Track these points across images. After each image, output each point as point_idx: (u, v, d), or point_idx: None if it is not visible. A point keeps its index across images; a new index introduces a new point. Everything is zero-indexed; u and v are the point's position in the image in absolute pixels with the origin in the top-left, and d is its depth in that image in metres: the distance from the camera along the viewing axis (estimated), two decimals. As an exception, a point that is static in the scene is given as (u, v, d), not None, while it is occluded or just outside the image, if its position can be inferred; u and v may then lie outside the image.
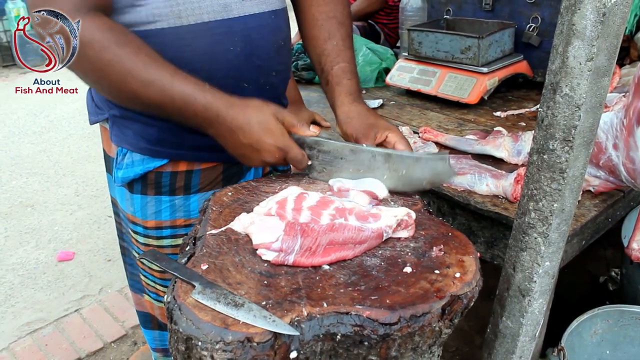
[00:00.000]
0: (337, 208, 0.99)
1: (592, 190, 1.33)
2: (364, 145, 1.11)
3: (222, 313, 0.76)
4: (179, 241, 1.31)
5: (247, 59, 1.15)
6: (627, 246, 1.36)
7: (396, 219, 0.95)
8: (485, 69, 1.92)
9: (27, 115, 5.59)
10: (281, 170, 1.45)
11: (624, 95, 1.26)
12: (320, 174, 1.16)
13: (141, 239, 1.33)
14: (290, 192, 1.04)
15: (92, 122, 1.33)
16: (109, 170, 1.37)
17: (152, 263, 0.91)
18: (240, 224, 0.98)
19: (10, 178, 4.18)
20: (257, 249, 0.92)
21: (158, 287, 1.41)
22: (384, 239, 0.95)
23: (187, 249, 0.96)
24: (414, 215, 0.98)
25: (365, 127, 1.17)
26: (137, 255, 1.40)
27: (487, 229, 1.35)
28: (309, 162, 1.14)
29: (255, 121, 1.05)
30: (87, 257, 3.14)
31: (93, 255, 3.16)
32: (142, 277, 1.45)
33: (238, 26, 1.12)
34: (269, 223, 0.94)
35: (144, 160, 1.23)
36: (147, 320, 1.58)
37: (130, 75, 1.02)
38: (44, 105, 5.78)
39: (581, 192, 1.32)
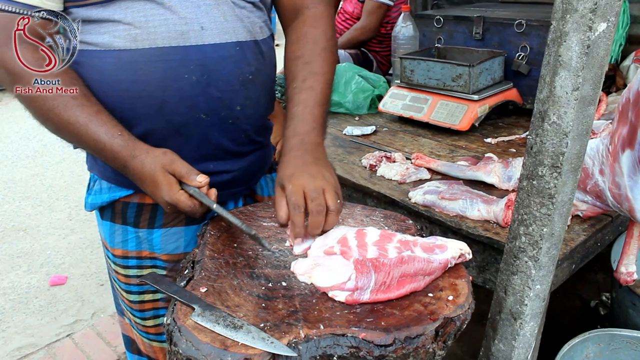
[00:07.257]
0: (401, 241, 0.98)
1: (581, 215, 1.36)
2: (215, 205, 1.03)
3: (221, 335, 0.77)
4: (145, 272, 1.28)
5: (204, 90, 1.11)
6: (615, 270, 1.38)
7: (461, 251, 0.97)
8: (476, 97, 1.96)
9: (20, 139, 5.59)
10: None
11: (610, 122, 1.30)
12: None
13: (112, 265, 1.32)
14: (345, 230, 1.02)
15: (74, 147, 1.31)
16: None
17: (151, 285, 0.92)
18: (301, 268, 0.97)
19: (2, 202, 4.17)
20: (327, 292, 0.90)
21: (129, 314, 1.38)
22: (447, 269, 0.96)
23: (185, 272, 0.97)
24: (470, 254, 1.00)
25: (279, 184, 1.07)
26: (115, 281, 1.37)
27: (479, 253, 1.37)
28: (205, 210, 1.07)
29: (147, 174, 1.05)
30: (80, 282, 3.12)
31: (85, 280, 3.14)
32: (120, 301, 1.43)
33: (195, 55, 1.09)
34: (333, 264, 0.94)
35: (111, 189, 1.23)
36: (128, 343, 1.54)
37: (51, 113, 1.05)
38: (37, 129, 5.73)
39: (570, 217, 1.34)
